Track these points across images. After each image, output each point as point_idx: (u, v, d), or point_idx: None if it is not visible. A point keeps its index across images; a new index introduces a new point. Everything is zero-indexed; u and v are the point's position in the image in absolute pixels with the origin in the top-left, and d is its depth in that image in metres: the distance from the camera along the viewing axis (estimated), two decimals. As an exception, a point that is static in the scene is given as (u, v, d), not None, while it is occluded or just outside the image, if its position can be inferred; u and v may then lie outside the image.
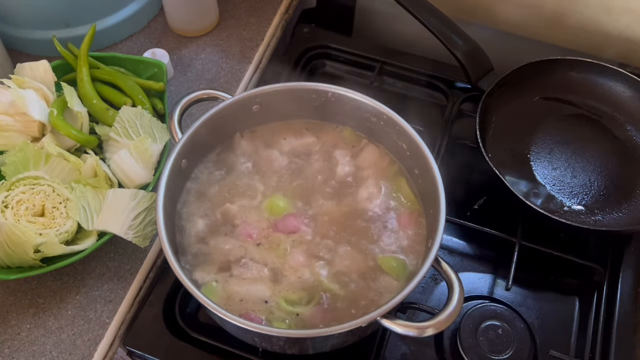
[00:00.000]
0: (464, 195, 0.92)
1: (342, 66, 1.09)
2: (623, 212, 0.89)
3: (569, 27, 1.10)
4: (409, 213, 0.77)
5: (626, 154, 0.95)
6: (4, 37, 0.98)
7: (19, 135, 0.84)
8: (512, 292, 0.85)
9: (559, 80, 0.99)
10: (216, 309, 0.62)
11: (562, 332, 0.83)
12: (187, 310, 0.82)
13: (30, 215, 0.77)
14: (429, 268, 0.66)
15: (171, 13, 1.06)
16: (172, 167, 0.72)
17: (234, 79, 1.02)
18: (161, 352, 0.77)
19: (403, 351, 0.80)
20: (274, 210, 0.76)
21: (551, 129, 0.97)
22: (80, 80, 0.89)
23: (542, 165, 0.94)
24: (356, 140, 0.84)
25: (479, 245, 0.91)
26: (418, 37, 1.01)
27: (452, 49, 0.96)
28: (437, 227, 0.68)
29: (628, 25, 1.06)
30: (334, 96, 0.79)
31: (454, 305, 0.65)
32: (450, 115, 1.00)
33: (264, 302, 0.70)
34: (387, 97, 0.81)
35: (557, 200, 0.90)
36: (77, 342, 0.77)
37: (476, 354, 0.77)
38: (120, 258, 0.83)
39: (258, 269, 0.72)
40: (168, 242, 0.67)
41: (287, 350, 0.75)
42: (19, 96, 0.82)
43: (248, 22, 1.10)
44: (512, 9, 1.12)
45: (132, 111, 0.84)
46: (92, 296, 0.80)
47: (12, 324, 0.78)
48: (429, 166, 0.73)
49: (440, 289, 0.86)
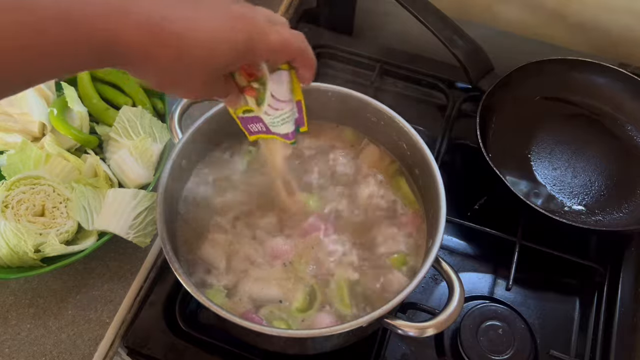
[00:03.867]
0: (464, 195, 0.92)
1: (342, 66, 1.09)
2: (623, 212, 0.89)
3: (569, 27, 1.10)
4: (409, 213, 0.77)
5: (626, 154, 0.95)
6: (4, 37, 0.98)
7: (19, 135, 0.84)
8: (513, 292, 0.85)
9: (560, 80, 0.99)
10: (216, 309, 0.62)
11: (563, 332, 0.83)
12: (188, 310, 0.82)
13: (30, 215, 0.77)
14: (430, 268, 0.65)
15: (171, 13, 1.05)
16: (172, 167, 0.72)
17: (234, 78, 1.02)
18: (161, 352, 0.77)
19: (403, 351, 0.80)
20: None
21: (551, 129, 0.97)
22: (80, 80, 0.89)
23: (543, 165, 0.93)
24: (356, 140, 0.84)
25: (479, 245, 0.91)
26: (418, 37, 1.01)
27: (452, 49, 0.96)
28: (437, 227, 0.68)
29: (628, 25, 1.06)
30: (334, 96, 0.79)
31: (454, 306, 0.65)
32: (451, 115, 1.00)
33: (278, 301, 0.70)
34: (387, 97, 0.81)
35: (557, 200, 0.90)
36: (78, 342, 0.77)
37: (476, 354, 0.77)
38: (120, 258, 0.83)
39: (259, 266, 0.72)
40: (168, 242, 0.67)
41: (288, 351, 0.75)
42: (19, 96, 0.82)
43: (248, 22, 1.10)
44: (512, 9, 1.12)
45: (132, 111, 0.84)
46: (92, 296, 0.80)
47: (12, 323, 0.78)
48: (430, 166, 0.73)
49: (440, 289, 0.85)
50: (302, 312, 0.69)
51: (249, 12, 0.52)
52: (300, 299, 0.70)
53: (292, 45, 0.55)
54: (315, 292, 0.70)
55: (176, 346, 0.77)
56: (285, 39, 0.54)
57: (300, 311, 0.69)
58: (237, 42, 0.51)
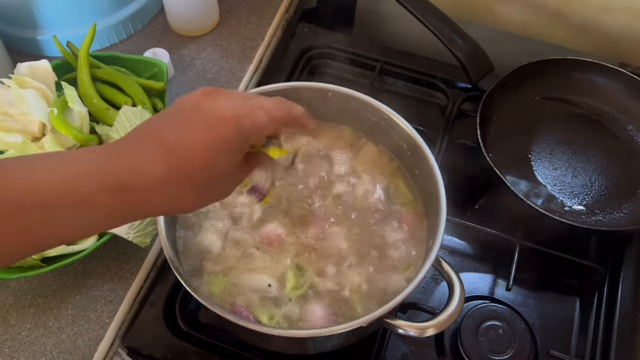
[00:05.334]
0: (464, 195, 0.92)
1: (342, 66, 1.09)
2: (624, 212, 0.89)
3: (569, 27, 1.10)
4: (408, 212, 0.77)
5: (627, 154, 0.95)
6: (4, 37, 0.98)
7: (19, 135, 0.84)
8: (513, 292, 0.85)
9: (560, 80, 0.99)
10: (216, 309, 0.62)
11: (563, 332, 0.83)
12: (188, 310, 0.82)
13: (30, 215, 0.77)
14: (430, 268, 0.65)
15: (172, 12, 1.06)
16: (172, 167, 0.72)
17: (234, 78, 1.02)
18: (161, 352, 0.77)
19: (404, 351, 0.80)
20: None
21: (552, 129, 0.97)
22: (80, 80, 0.89)
23: (543, 165, 0.93)
24: (356, 140, 0.84)
25: (479, 245, 0.91)
26: (418, 37, 1.01)
27: (452, 49, 0.96)
28: (437, 227, 0.68)
29: (628, 25, 1.06)
30: (334, 95, 0.79)
31: (454, 306, 0.65)
32: (451, 115, 1.00)
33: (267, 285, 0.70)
34: (387, 97, 0.81)
35: (557, 200, 0.90)
36: (78, 342, 0.77)
37: (477, 354, 0.77)
38: (120, 258, 0.83)
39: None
40: (169, 242, 0.67)
41: (288, 351, 0.75)
42: (19, 96, 0.82)
43: (248, 21, 1.10)
44: (513, 9, 1.12)
45: (132, 111, 0.84)
46: (92, 296, 0.80)
47: (12, 323, 0.78)
48: (430, 166, 0.73)
49: (440, 289, 0.85)
50: (295, 289, 0.70)
51: (225, 106, 0.50)
52: (291, 280, 0.70)
53: (280, 111, 0.53)
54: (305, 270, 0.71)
55: (176, 346, 0.77)
56: (269, 109, 0.52)
57: (294, 289, 0.70)
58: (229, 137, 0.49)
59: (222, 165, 0.49)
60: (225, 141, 0.48)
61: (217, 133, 0.48)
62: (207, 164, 0.48)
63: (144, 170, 0.46)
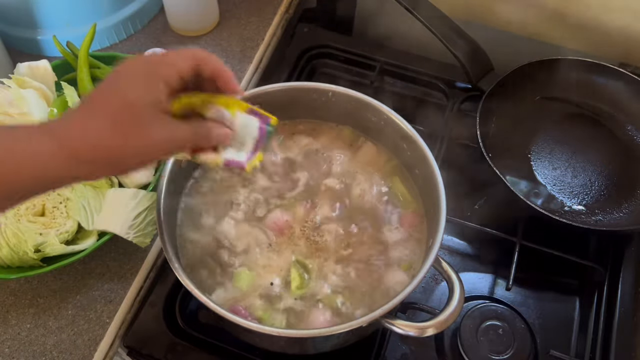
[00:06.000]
0: (464, 195, 0.92)
1: (342, 66, 1.09)
2: (624, 212, 0.89)
3: (569, 27, 1.10)
4: (407, 212, 0.77)
5: (626, 153, 0.95)
6: (4, 37, 0.98)
7: (19, 135, 0.84)
8: (513, 292, 0.85)
9: (560, 80, 0.99)
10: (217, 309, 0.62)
11: (563, 332, 0.83)
12: (188, 310, 0.82)
13: (30, 215, 0.77)
14: (430, 268, 0.65)
15: (172, 13, 1.06)
16: (172, 167, 0.72)
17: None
18: (161, 352, 0.77)
19: (403, 351, 0.80)
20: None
21: (552, 129, 0.97)
22: (80, 80, 0.89)
23: (543, 165, 0.94)
24: (355, 140, 0.84)
25: (479, 245, 0.91)
26: (418, 37, 1.01)
27: (452, 49, 0.96)
28: (437, 226, 0.68)
29: (628, 25, 1.06)
30: (334, 96, 0.79)
31: (454, 305, 0.65)
32: (451, 115, 1.00)
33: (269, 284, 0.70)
34: (387, 97, 0.81)
35: (557, 200, 0.90)
36: (78, 342, 0.77)
37: (477, 354, 0.77)
38: (120, 258, 0.83)
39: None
40: (169, 242, 0.67)
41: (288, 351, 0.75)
42: (19, 96, 0.82)
43: (248, 21, 1.10)
44: (513, 9, 1.12)
45: (132, 111, 0.84)
46: (92, 296, 0.80)
47: (12, 323, 0.78)
48: (430, 166, 0.73)
49: (440, 289, 0.85)
50: (300, 289, 0.70)
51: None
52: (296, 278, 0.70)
53: (190, 51, 0.56)
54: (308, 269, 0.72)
55: (176, 346, 0.77)
56: (180, 51, 0.56)
57: (299, 288, 0.70)
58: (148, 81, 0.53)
59: (134, 95, 0.51)
60: (132, 73, 0.54)
61: (123, 68, 0.54)
62: (116, 93, 0.52)
63: (70, 116, 0.53)
